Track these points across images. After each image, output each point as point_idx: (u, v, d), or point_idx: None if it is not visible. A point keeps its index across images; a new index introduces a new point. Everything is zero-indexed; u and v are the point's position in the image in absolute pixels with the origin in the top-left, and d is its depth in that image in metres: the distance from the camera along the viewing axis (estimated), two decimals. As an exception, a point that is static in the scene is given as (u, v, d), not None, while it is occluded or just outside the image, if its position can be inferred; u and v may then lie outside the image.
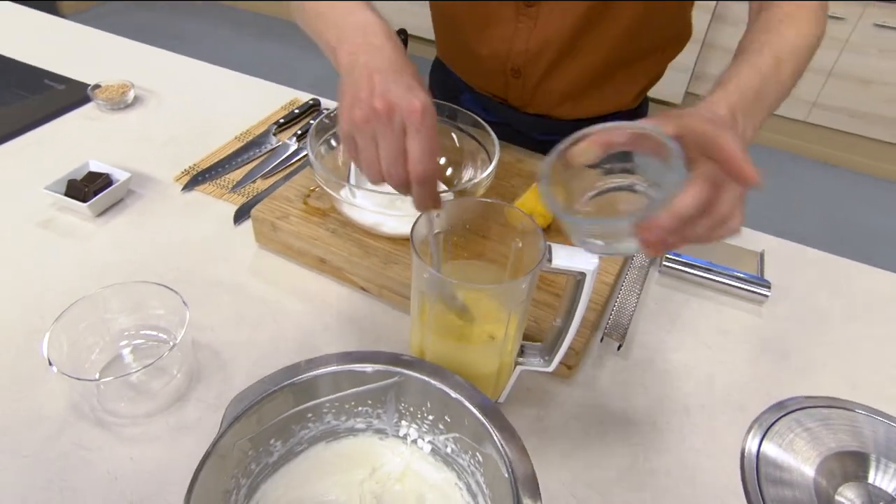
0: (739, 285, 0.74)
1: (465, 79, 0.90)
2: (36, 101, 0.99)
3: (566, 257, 0.47)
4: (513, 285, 0.49)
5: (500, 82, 0.84)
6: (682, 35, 0.82)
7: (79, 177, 0.80)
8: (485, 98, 0.89)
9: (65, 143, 0.91)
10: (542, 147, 0.90)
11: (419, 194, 0.46)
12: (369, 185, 0.74)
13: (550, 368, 0.55)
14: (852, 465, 0.57)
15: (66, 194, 0.78)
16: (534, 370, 0.57)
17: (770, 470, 0.57)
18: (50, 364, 0.52)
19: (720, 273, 0.74)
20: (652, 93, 0.91)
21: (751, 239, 0.82)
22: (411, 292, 0.53)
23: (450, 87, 0.94)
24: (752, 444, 0.59)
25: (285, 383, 0.43)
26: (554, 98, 0.83)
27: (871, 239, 2.20)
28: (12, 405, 0.57)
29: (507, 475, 0.39)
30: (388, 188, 0.73)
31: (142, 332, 0.61)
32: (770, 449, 0.58)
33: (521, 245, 0.53)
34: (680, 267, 0.75)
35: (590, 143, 0.41)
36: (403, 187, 0.46)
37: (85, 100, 1.00)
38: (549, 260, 0.46)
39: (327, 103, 1.03)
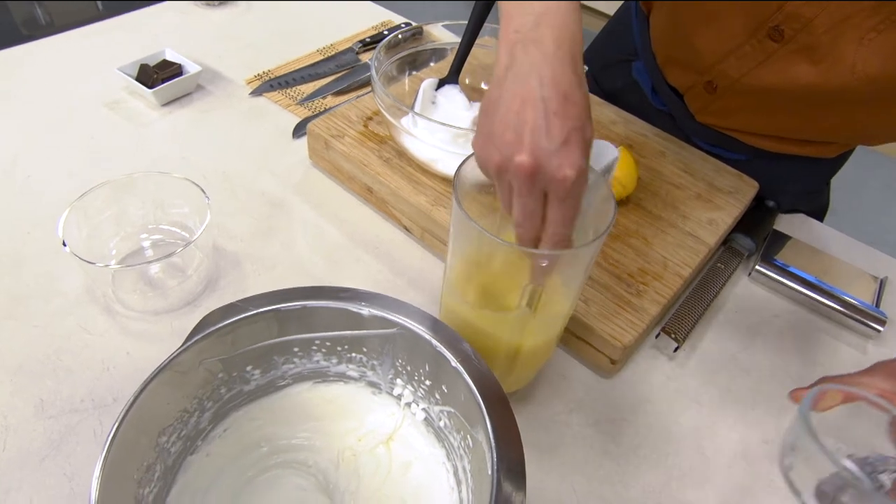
0: (847, 312, 0.61)
1: (656, 46, 0.73)
2: (137, -14, 0.99)
3: (593, 157, 0.41)
4: (582, 251, 0.40)
5: (687, 81, 0.69)
6: None
7: (152, 63, 0.78)
8: (659, 78, 0.73)
9: (152, 31, 0.90)
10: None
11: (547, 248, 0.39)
12: (435, 116, 0.67)
13: None
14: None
15: (137, 78, 0.76)
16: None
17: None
18: (63, 244, 0.50)
19: (825, 293, 0.62)
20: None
21: (874, 260, 0.68)
22: (451, 251, 0.45)
23: (625, 45, 0.79)
24: (817, 502, 0.48)
25: (269, 308, 0.38)
26: (738, 126, 0.69)
27: None
28: (36, 275, 0.57)
29: (490, 472, 0.32)
30: (456, 122, 0.66)
31: (164, 227, 0.58)
32: (839, 513, 0.47)
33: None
34: (777, 275, 0.63)
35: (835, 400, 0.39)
36: (532, 242, 0.39)
37: (182, -8, 0.98)
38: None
39: (427, 30, 0.96)
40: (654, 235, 0.61)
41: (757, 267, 0.64)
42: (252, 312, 0.37)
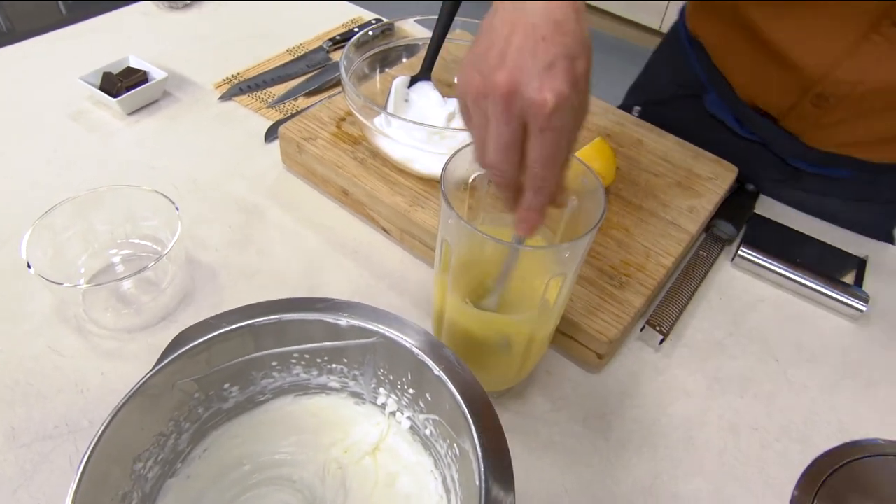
0: (829, 293, 0.61)
1: (731, 75, 0.67)
2: (97, -9, 0.96)
3: None
4: (568, 247, 0.39)
5: (785, 101, 0.63)
6: None
7: (116, 70, 0.76)
8: (744, 108, 0.68)
9: (115, 37, 0.87)
10: (791, 173, 0.69)
11: (527, 204, 0.36)
12: (409, 114, 0.66)
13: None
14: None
15: (101, 87, 0.74)
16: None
17: (826, 523, 0.46)
18: (28, 266, 0.48)
19: (808, 275, 0.62)
20: None
21: (854, 241, 0.68)
22: (437, 246, 0.44)
23: (687, 79, 0.73)
24: (807, 488, 0.48)
25: (244, 324, 0.37)
26: (858, 139, 0.63)
27: None
28: (1, 297, 0.55)
29: (477, 482, 0.31)
30: (430, 120, 0.65)
31: (134, 241, 0.56)
32: (830, 499, 0.48)
33: (576, 203, 0.42)
34: (759, 260, 0.63)
35: None
36: (509, 189, 0.36)
37: (145, -6, 0.95)
38: None
39: (399, 26, 0.94)
40: (635, 226, 0.60)
41: (739, 252, 0.63)
42: (226, 329, 0.36)
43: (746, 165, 0.69)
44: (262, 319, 0.37)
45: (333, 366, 0.41)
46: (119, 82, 0.73)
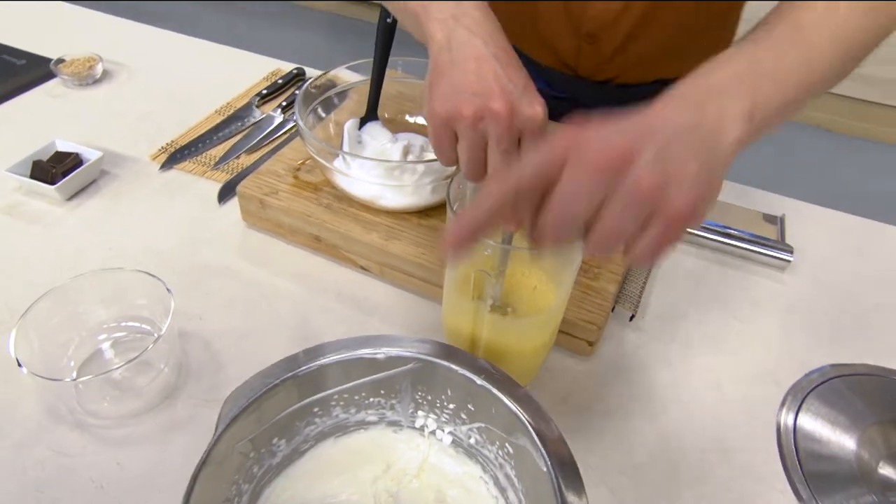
0: (760, 251, 0.69)
1: (527, 51, 0.78)
2: (-6, 79, 0.92)
3: None
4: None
5: (572, 50, 0.75)
6: None
7: (45, 157, 0.73)
8: (549, 72, 0.79)
9: (27, 124, 0.84)
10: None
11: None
12: (365, 154, 0.68)
13: None
14: (895, 435, 0.54)
15: (32, 176, 0.71)
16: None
17: (809, 444, 0.53)
18: (19, 365, 0.46)
19: (738, 238, 0.70)
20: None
21: (768, 202, 0.78)
22: (452, 280, 0.48)
23: None
24: (787, 418, 0.55)
25: (287, 376, 0.38)
26: (631, 61, 0.75)
27: (882, 205, 2.15)
28: (-19, 410, 0.52)
29: (545, 469, 0.34)
30: (387, 156, 0.67)
31: (122, 324, 0.55)
32: (806, 422, 0.55)
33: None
34: (697, 231, 0.71)
35: None
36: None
37: (48, 76, 0.92)
38: None
39: (312, 73, 0.97)
40: (591, 222, 0.66)
41: (680, 229, 0.71)
42: (272, 384, 0.37)
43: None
44: (303, 368, 0.38)
45: (371, 400, 0.43)
46: (52, 168, 0.71)
